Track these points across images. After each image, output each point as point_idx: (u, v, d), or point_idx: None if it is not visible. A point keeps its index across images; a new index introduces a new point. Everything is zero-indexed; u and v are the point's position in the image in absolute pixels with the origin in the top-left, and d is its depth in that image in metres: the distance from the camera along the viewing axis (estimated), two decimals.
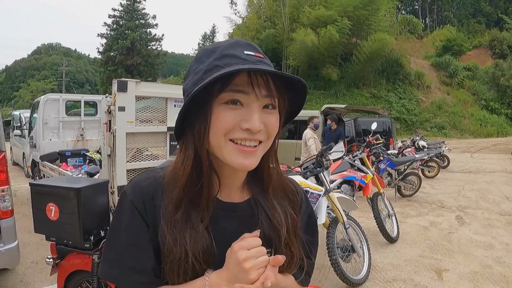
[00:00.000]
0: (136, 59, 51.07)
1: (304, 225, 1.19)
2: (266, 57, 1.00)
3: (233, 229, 1.03)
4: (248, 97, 0.92)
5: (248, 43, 0.99)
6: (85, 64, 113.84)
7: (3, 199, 4.26)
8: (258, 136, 0.94)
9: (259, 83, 0.92)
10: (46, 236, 3.25)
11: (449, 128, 37.26)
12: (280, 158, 1.12)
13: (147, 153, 5.05)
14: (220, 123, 0.92)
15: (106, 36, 53.87)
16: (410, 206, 9.43)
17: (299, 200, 1.19)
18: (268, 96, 0.94)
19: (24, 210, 8.25)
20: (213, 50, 0.97)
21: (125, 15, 54.00)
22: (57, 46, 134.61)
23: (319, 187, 5.01)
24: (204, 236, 0.98)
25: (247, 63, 0.91)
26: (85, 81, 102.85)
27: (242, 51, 0.94)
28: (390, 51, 38.54)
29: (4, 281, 5.09)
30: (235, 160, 0.94)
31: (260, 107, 0.94)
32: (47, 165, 8.30)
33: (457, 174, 14.92)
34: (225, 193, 1.07)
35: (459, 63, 47.13)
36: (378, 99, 37.27)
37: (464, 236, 7.01)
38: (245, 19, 47.01)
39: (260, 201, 1.10)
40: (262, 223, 1.06)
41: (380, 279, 5.21)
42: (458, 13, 64.67)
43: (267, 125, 0.95)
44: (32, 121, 10.58)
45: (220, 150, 0.95)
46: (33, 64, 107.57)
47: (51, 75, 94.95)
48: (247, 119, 0.91)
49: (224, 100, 0.92)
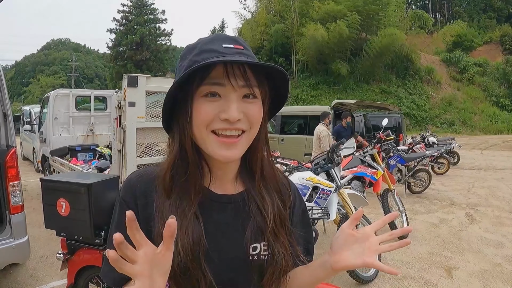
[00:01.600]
0: (145, 54, 51.30)
1: (299, 222, 1.20)
2: (248, 48, 1.02)
3: (225, 221, 1.05)
4: (225, 89, 0.94)
5: (228, 36, 1.02)
6: (94, 59, 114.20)
7: (14, 194, 4.27)
8: (239, 125, 0.96)
9: (236, 74, 0.93)
10: (56, 231, 3.26)
11: (459, 125, 37.01)
12: (290, 153, 1.12)
13: (157, 148, 5.06)
14: (200, 115, 0.95)
15: (115, 32, 54.19)
16: (420, 203, 9.38)
17: (291, 194, 1.19)
18: (246, 86, 0.95)
19: (34, 205, 8.29)
20: (194, 46, 1.01)
21: (134, 10, 54.22)
22: (66, 42, 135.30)
23: (330, 183, 4.98)
24: (194, 224, 0.99)
25: (223, 55, 0.93)
26: (94, 76, 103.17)
27: (221, 45, 0.97)
28: (400, 46, 38.15)
29: (14, 275, 5.12)
30: (218, 152, 0.97)
31: (239, 98, 0.95)
32: (57, 160, 8.35)
33: (467, 171, 14.83)
34: (218, 185, 1.09)
35: (469, 58, 46.70)
36: (388, 94, 37.09)
37: (474, 234, 6.96)
38: (255, 13, 46.92)
39: (252, 193, 1.10)
40: (253, 215, 1.07)
41: (390, 276, 5.18)
42: (469, 8, 64.02)
43: (247, 115, 0.97)
44: (42, 116, 10.65)
45: (204, 142, 0.98)
46: (43, 59, 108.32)
47: (60, 70, 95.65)
48: (225, 109, 0.93)
49: (202, 93, 0.95)
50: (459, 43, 50.04)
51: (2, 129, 4.40)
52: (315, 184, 4.90)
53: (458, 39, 49.00)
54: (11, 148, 4.34)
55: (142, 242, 0.79)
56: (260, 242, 1.05)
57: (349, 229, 0.99)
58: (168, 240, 0.79)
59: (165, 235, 0.78)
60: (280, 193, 1.15)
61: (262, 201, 1.09)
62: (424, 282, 5.04)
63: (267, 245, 1.06)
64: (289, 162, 5.78)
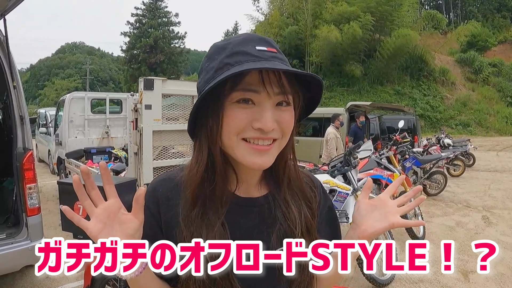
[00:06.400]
0: (159, 57, 51.58)
1: (324, 219, 1.19)
2: (280, 51, 0.98)
3: (250, 225, 1.04)
4: (259, 96, 0.90)
5: (260, 37, 0.98)
6: (109, 62, 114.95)
7: (31, 196, 4.29)
8: (272, 134, 0.93)
9: (271, 80, 0.90)
10: (74, 234, 3.27)
11: (474, 126, 36.64)
12: (305, 155, 1.12)
13: (173, 151, 5.08)
14: (232, 123, 0.91)
15: (129, 35, 54.55)
16: (436, 205, 9.29)
17: (317, 194, 1.17)
18: (281, 93, 0.92)
19: (49, 207, 8.36)
20: (224, 47, 0.95)
21: (148, 14, 54.56)
22: (80, 45, 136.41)
23: (347, 186, 4.97)
24: (220, 232, 0.97)
25: (258, 59, 0.90)
26: (108, 79, 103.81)
27: (254, 47, 0.92)
28: (414, 47, 37.96)
29: (30, 277, 5.17)
30: (249, 159, 0.94)
31: (273, 105, 0.92)
32: (73, 162, 8.41)
33: (483, 173, 14.65)
34: (243, 189, 1.07)
35: (484, 59, 46.23)
36: (402, 96, 36.87)
37: (491, 237, 6.86)
38: (268, 16, 46.94)
39: (276, 196, 1.09)
40: (279, 220, 1.05)
41: (406, 279, 5.15)
42: (483, 7, 63.36)
43: (280, 123, 0.94)
44: (57, 119, 10.75)
45: (233, 149, 0.95)
46: (57, 62, 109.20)
47: (75, 74, 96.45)
48: (259, 119, 0.90)
49: (235, 99, 0.90)
50: (473, 43, 49.51)
51: (19, 132, 4.43)
52: (332, 187, 4.88)
53: (472, 39, 48.50)
54: (28, 150, 4.37)
55: (110, 195, 0.87)
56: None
57: (366, 199, 1.01)
58: (136, 206, 0.86)
59: (135, 202, 0.85)
60: (307, 199, 1.13)
61: (287, 208, 1.07)
62: (440, 285, 5.00)
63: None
64: (305, 164, 5.77)
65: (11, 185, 5.61)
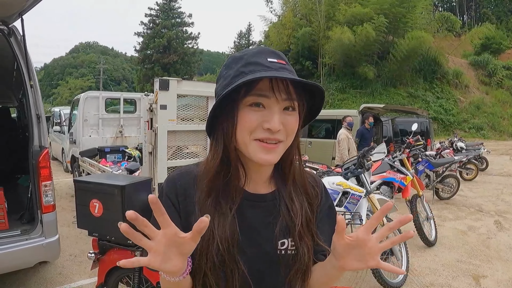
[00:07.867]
0: (173, 57, 51.65)
1: (325, 217, 1.28)
2: (289, 63, 1.12)
3: (257, 218, 1.16)
4: (269, 100, 1.04)
5: (272, 50, 1.12)
6: (122, 62, 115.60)
7: (46, 194, 4.34)
8: (278, 135, 1.05)
9: (280, 88, 1.03)
10: (89, 231, 3.30)
11: (487, 129, 36.20)
12: (317, 157, 1.18)
13: (187, 151, 5.11)
14: (245, 123, 1.04)
15: (142, 35, 54.64)
16: (448, 209, 9.26)
17: (319, 192, 1.29)
18: (288, 99, 1.05)
19: (63, 204, 8.45)
20: (240, 57, 1.10)
21: (161, 14, 54.62)
22: (94, 45, 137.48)
23: (360, 188, 4.98)
24: (230, 223, 1.09)
25: (269, 70, 1.03)
26: (121, 79, 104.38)
27: (266, 59, 1.06)
28: (427, 49, 37.59)
29: (43, 273, 5.25)
30: (258, 155, 1.06)
31: (280, 109, 1.05)
32: (87, 161, 8.49)
33: (496, 177, 14.54)
34: (252, 186, 1.19)
35: (498, 62, 45.57)
36: (415, 98, 36.54)
37: (503, 242, 6.84)
38: (281, 17, 46.83)
39: (282, 193, 1.21)
40: (282, 213, 1.17)
41: (418, 283, 5.14)
42: (497, 10, 62.64)
43: (286, 126, 1.06)
44: (72, 117, 10.82)
45: (246, 147, 1.07)
46: (71, 62, 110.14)
47: (88, 73, 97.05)
48: (268, 120, 1.03)
49: (248, 102, 1.04)
50: (488, 45, 48.91)
51: (35, 130, 4.48)
52: (345, 189, 4.91)
53: (486, 41, 47.96)
54: (44, 149, 4.42)
55: (165, 224, 0.87)
56: (288, 238, 1.16)
57: (341, 241, 0.97)
58: (195, 233, 0.86)
59: (195, 229, 0.86)
60: (308, 196, 1.25)
61: (291, 202, 1.19)
62: None
63: (294, 241, 1.15)
64: (319, 166, 5.79)
65: (26, 182, 5.70)
